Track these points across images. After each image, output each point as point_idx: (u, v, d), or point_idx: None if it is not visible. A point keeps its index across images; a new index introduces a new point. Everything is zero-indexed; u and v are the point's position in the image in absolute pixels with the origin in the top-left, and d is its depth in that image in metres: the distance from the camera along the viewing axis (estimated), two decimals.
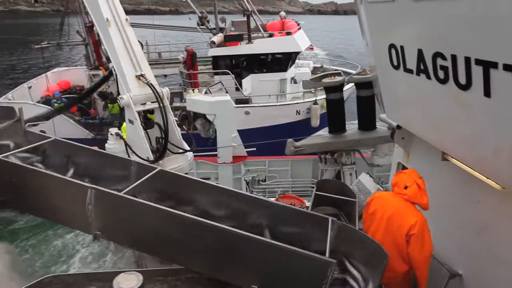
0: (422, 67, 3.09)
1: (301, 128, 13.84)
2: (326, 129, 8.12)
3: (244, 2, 15.57)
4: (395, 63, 3.51)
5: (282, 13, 17.47)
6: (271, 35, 15.27)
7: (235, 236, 3.03)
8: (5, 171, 3.67)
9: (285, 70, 15.58)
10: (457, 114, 2.93)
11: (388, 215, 3.30)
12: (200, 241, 3.18)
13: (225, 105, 9.12)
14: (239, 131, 9.89)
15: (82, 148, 4.23)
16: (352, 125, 8.00)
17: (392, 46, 3.47)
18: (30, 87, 16.00)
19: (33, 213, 4.12)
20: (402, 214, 3.26)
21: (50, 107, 13.40)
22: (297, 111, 14.87)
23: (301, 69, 17.61)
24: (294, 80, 16.19)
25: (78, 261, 7.91)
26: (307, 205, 6.35)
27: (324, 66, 19.04)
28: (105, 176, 4.11)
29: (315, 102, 14.56)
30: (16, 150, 3.89)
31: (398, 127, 4.60)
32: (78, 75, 17.58)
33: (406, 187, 3.29)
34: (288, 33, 15.31)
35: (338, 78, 7.66)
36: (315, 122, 14.52)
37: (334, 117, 7.91)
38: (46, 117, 11.53)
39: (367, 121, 7.58)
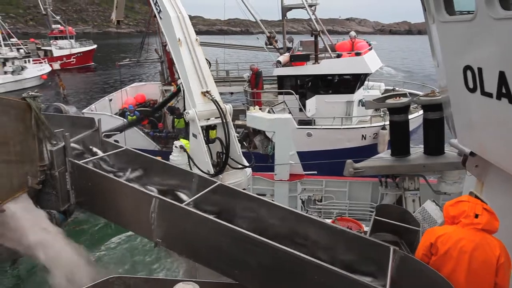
0: (504, 90, 2.85)
1: (366, 154, 12.91)
2: (388, 151, 7.74)
3: (313, 22, 15.52)
4: (471, 86, 3.27)
5: (352, 33, 17.02)
6: (339, 56, 14.89)
7: (291, 257, 2.98)
8: (83, 176, 4.06)
9: (352, 92, 14.91)
10: None
11: (470, 251, 2.96)
12: (255, 258, 3.17)
13: (285, 123, 9.11)
14: (300, 153, 9.74)
15: (148, 158, 4.53)
16: (417, 149, 7.53)
17: (467, 67, 3.25)
18: (110, 100, 17.70)
19: (104, 216, 4.47)
20: (484, 246, 2.94)
21: (125, 119, 14.57)
22: (363, 135, 14.13)
23: (371, 91, 16.73)
24: (362, 103, 15.20)
25: (140, 264, 8.24)
26: (365, 230, 6.05)
27: (397, 88, 17.77)
28: (168, 186, 4.34)
29: (383, 127, 13.66)
30: (93, 157, 4.28)
31: (472, 154, 4.22)
32: (153, 90, 19.04)
33: (477, 216, 2.98)
34: (358, 54, 14.75)
35: (403, 99, 7.29)
36: (382, 148, 13.47)
37: (397, 140, 7.53)
38: (120, 130, 12.57)
39: (434, 145, 7.09)
